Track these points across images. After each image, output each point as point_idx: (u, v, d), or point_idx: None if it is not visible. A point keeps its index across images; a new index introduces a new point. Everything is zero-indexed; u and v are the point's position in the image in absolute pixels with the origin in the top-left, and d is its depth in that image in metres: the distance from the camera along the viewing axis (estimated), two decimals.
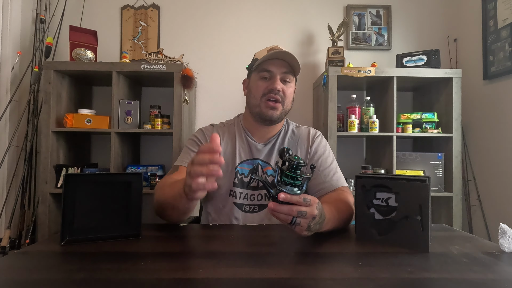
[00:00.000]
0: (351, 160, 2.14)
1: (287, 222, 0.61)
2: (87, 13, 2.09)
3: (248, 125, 1.03)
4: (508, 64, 1.67)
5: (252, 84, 0.99)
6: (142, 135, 2.12)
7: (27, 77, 1.88)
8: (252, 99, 0.98)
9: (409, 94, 2.21)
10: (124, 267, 0.52)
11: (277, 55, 0.93)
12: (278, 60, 0.94)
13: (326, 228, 0.69)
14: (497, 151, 1.77)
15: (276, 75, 0.94)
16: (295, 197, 0.60)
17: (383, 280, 0.48)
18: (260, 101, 0.95)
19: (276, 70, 0.94)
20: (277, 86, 0.92)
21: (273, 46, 0.97)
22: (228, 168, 0.96)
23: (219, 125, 1.06)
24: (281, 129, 1.04)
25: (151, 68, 1.73)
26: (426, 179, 0.63)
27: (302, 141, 1.02)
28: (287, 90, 0.95)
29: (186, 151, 0.98)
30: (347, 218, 0.81)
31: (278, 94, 0.93)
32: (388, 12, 2.18)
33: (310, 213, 0.62)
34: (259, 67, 0.95)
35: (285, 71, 0.94)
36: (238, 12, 2.18)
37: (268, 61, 0.94)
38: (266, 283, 0.47)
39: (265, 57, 0.93)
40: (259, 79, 0.96)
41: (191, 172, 0.59)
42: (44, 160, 1.71)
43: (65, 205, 0.64)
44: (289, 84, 0.96)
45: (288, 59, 0.94)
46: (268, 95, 0.93)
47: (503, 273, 0.52)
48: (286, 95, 0.95)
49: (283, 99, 0.95)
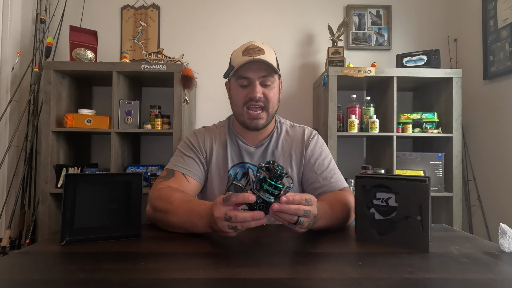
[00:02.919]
0: (351, 160, 2.14)
1: (292, 222, 0.61)
2: (87, 13, 2.09)
3: (238, 128, 0.99)
4: (508, 64, 1.67)
5: (232, 91, 0.95)
6: (142, 135, 2.12)
7: (27, 77, 1.88)
8: (234, 107, 0.95)
9: (409, 94, 2.21)
10: (124, 267, 0.52)
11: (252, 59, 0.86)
12: (255, 64, 0.87)
13: (318, 225, 0.69)
14: (497, 151, 1.77)
15: (255, 80, 0.88)
16: (297, 198, 0.60)
17: (383, 280, 0.48)
18: (243, 109, 0.91)
19: (254, 75, 0.88)
20: (256, 94, 0.87)
21: (248, 46, 0.90)
22: (221, 173, 0.96)
23: (211, 128, 1.03)
24: (273, 131, 1.00)
25: (151, 68, 1.73)
26: (426, 179, 0.63)
27: (296, 143, 0.98)
28: (269, 93, 0.90)
29: (179, 154, 0.96)
30: (343, 218, 0.80)
31: (260, 101, 0.89)
32: (388, 12, 2.18)
33: (312, 213, 0.62)
34: (237, 74, 0.89)
35: (264, 75, 0.88)
36: (238, 12, 2.18)
37: (245, 66, 0.87)
38: (266, 283, 0.47)
39: (239, 63, 0.87)
40: (238, 86, 0.91)
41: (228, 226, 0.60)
42: (44, 160, 1.71)
43: (65, 205, 0.64)
44: (270, 87, 0.90)
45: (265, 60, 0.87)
46: (250, 103, 0.89)
47: (503, 273, 0.52)
48: (269, 99, 0.90)
49: (266, 105, 0.90)
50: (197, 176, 0.93)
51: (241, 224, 0.59)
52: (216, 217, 0.61)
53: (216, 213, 0.61)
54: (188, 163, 0.94)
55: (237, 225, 0.59)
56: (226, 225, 0.60)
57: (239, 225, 0.59)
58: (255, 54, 0.87)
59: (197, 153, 0.96)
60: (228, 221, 0.59)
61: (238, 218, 0.58)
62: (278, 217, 0.62)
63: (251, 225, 0.59)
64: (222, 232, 0.62)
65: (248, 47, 0.90)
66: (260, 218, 0.58)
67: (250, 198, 0.58)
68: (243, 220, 0.58)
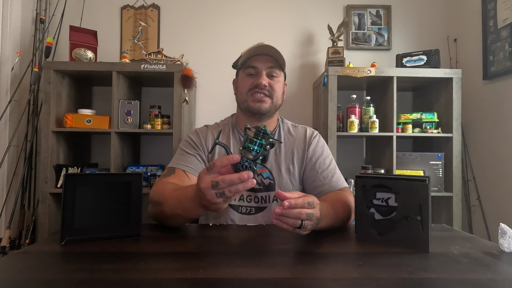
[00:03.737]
0: (351, 160, 2.14)
1: (296, 226, 0.61)
2: (87, 13, 2.09)
3: (240, 123, 1.01)
4: (508, 64, 1.67)
5: (239, 82, 0.98)
6: (142, 135, 2.12)
7: (27, 77, 1.88)
8: (239, 96, 0.98)
9: (409, 94, 2.21)
10: (124, 267, 0.52)
11: (261, 50, 0.92)
12: (263, 56, 0.93)
13: (320, 225, 0.69)
14: (497, 151, 1.77)
15: (262, 70, 0.93)
16: (299, 202, 0.60)
17: (383, 280, 0.48)
18: (247, 95, 0.94)
19: (261, 66, 0.93)
20: (262, 81, 0.92)
21: (258, 43, 0.96)
22: None
23: (213, 126, 1.05)
24: (275, 129, 1.02)
25: (151, 68, 1.73)
26: (426, 179, 0.63)
27: (299, 141, 1.00)
28: (275, 84, 0.94)
29: (181, 153, 0.96)
30: (344, 218, 0.80)
31: (265, 89, 0.92)
32: (388, 12, 2.18)
33: (315, 215, 0.62)
34: (245, 64, 0.95)
35: (270, 66, 0.94)
36: (238, 12, 2.18)
37: (253, 58, 0.94)
38: (266, 283, 0.47)
39: (249, 54, 0.93)
40: (245, 76, 0.95)
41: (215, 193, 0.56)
42: (44, 160, 1.71)
43: (65, 205, 0.64)
44: (276, 79, 0.95)
45: (273, 54, 0.93)
46: (254, 90, 0.93)
47: (503, 273, 0.52)
48: (274, 89, 0.94)
49: (271, 93, 0.94)
50: (198, 172, 0.92)
51: (229, 188, 0.55)
52: (202, 189, 0.57)
53: (202, 184, 0.57)
54: (189, 160, 0.94)
55: (225, 191, 0.55)
56: (214, 194, 0.56)
57: (227, 191, 0.55)
58: (266, 47, 0.92)
59: (198, 150, 0.96)
60: (216, 188, 0.55)
61: (225, 180, 0.54)
62: (281, 222, 0.61)
63: (239, 188, 0.55)
64: (213, 206, 0.59)
65: (259, 43, 0.95)
66: (247, 178, 0.54)
67: (234, 158, 0.55)
68: (230, 182, 0.54)
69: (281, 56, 0.93)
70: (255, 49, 0.92)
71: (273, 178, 0.94)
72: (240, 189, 0.55)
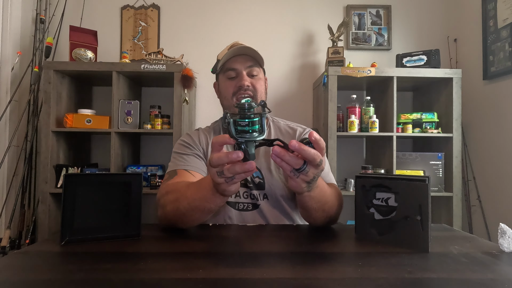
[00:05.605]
0: (351, 160, 2.14)
1: (296, 168, 0.56)
2: (87, 13, 2.09)
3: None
4: (508, 64, 1.67)
5: (221, 86, 0.98)
6: (142, 135, 2.12)
7: (27, 77, 1.88)
8: (224, 101, 0.97)
9: (409, 94, 2.21)
10: (124, 267, 0.52)
11: (238, 51, 0.92)
12: (241, 56, 0.93)
13: (314, 193, 0.67)
14: (497, 151, 1.77)
15: (242, 71, 0.93)
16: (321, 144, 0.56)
17: (383, 280, 0.48)
18: (232, 100, 0.94)
19: (241, 66, 0.93)
20: (244, 82, 0.91)
21: (233, 43, 0.96)
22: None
23: (205, 129, 1.05)
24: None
25: (151, 68, 1.73)
26: (426, 179, 0.63)
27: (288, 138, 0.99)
28: (257, 83, 0.94)
29: (177, 156, 0.95)
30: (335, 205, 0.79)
31: (249, 89, 0.93)
32: (388, 12, 2.18)
33: (322, 166, 0.58)
34: (224, 67, 0.95)
35: (249, 65, 0.94)
36: (238, 12, 2.18)
37: (231, 59, 0.94)
38: (266, 283, 0.47)
39: (226, 56, 0.93)
40: (226, 79, 0.95)
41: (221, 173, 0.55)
42: (44, 160, 1.71)
43: (65, 205, 0.64)
44: (257, 77, 0.95)
45: (250, 53, 0.93)
46: (238, 93, 0.93)
47: (503, 273, 0.52)
48: (257, 89, 0.94)
49: (254, 94, 0.94)
50: (201, 170, 0.92)
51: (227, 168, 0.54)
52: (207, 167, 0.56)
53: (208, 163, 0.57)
54: (189, 160, 0.93)
55: (224, 171, 0.54)
56: (215, 173, 0.55)
57: (226, 171, 0.54)
58: (242, 48, 0.92)
59: (194, 149, 0.96)
60: (214, 166, 0.55)
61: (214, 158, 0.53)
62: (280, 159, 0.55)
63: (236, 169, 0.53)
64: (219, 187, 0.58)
65: (233, 44, 0.95)
66: (235, 158, 0.52)
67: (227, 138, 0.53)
68: (218, 160, 0.53)
69: (257, 54, 0.94)
70: (232, 51, 0.92)
71: (263, 177, 0.93)
72: (237, 170, 0.53)
